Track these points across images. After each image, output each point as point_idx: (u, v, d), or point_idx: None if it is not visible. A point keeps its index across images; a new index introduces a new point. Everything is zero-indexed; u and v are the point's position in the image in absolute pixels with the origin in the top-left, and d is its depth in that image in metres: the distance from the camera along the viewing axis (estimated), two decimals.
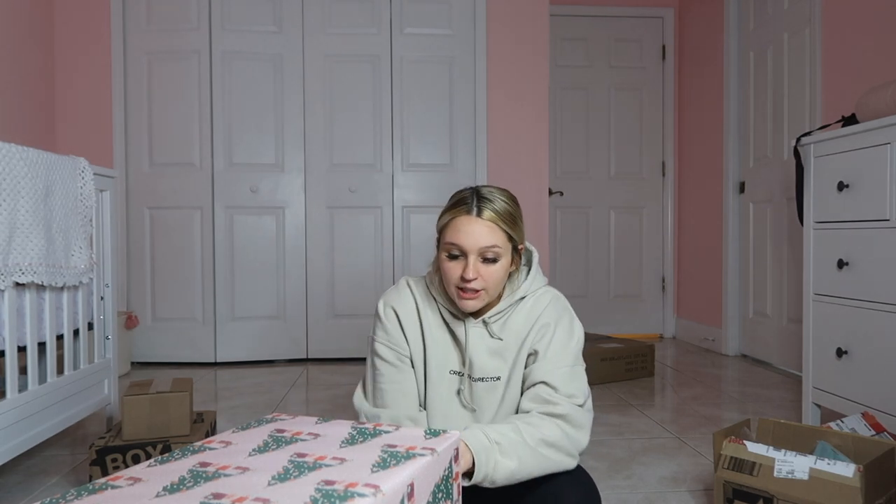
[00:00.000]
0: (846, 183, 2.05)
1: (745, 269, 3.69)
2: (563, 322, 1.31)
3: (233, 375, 3.30)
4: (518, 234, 1.27)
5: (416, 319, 1.36)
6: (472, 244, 1.22)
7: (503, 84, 3.65)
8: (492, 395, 1.31)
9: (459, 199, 1.27)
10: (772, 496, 1.45)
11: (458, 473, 0.91)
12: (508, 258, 1.26)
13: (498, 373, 1.31)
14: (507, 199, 1.27)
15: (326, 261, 3.61)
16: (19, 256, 1.63)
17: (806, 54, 3.14)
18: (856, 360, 2.04)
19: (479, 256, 1.23)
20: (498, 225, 1.23)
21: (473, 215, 1.23)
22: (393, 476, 0.74)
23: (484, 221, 1.22)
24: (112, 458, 1.74)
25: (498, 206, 1.24)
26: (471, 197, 1.25)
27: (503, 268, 1.26)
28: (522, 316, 1.32)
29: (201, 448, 0.85)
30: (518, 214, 1.28)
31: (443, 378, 1.33)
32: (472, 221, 1.22)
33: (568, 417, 1.20)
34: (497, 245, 1.23)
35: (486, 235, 1.22)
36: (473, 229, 1.22)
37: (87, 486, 0.73)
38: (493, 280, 1.25)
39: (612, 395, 2.87)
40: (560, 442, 1.17)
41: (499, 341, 1.31)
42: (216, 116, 3.52)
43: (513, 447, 1.11)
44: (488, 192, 1.26)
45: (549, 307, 1.32)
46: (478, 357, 1.31)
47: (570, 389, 1.23)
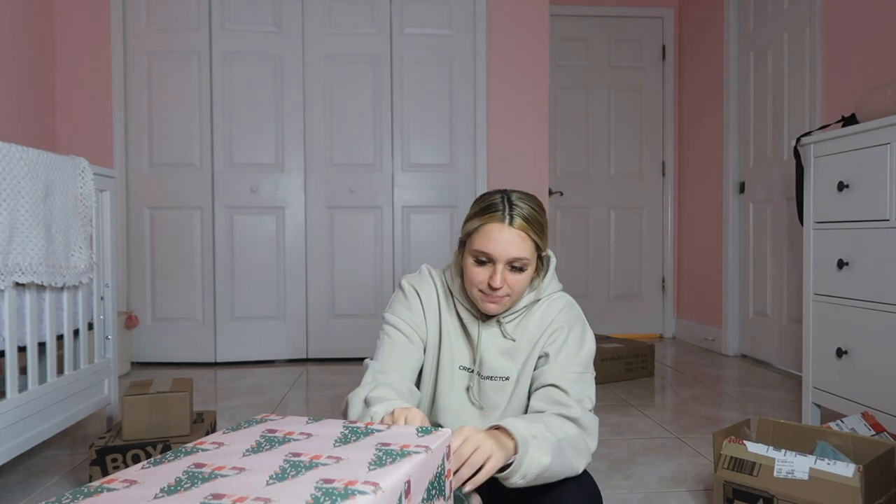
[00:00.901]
0: (846, 183, 2.05)
1: (745, 269, 3.69)
2: (576, 329, 1.31)
3: (233, 375, 3.30)
4: (544, 242, 1.27)
5: (436, 308, 1.37)
6: (503, 253, 1.21)
7: (503, 84, 3.65)
8: (499, 394, 1.31)
9: (490, 204, 1.24)
10: (772, 496, 1.45)
11: (451, 471, 0.92)
12: (533, 266, 1.26)
13: (507, 373, 1.31)
14: (536, 207, 1.25)
15: (326, 260, 3.61)
16: (19, 256, 1.63)
17: (806, 54, 3.14)
18: (856, 360, 2.04)
19: (507, 265, 1.22)
20: (528, 235, 1.22)
21: (506, 224, 1.21)
22: (391, 473, 0.74)
23: (516, 231, 1.21)
24: (112, 458, 1.74)
25: (528, 215, 1.22)
26: (502, 203, 1.22)
27: (529, 276, 1.26)
28: (536, 319, 1.32)
29: (194, 449, 0.85)
30: (545, 221, 1.27)
31: (453, 372, 1.34)
32: (504, 230, 1.20)
33: (580, 421, 1.19)
34: (526, 256, 1.22)
35: (516, 245, 1.21)
36: (505, 238, 1.20)
37: (81, 490, 0.73)
38: (518, 288, 1.25)
39: (612, 395, 2.87)
40: (578, 443, 1.16)
41: (511, 342, 1.31)
42: (216, 116, 3.52)
43: (546, 443, 1.09)
44: (518, 198, 1.24)
45: (563, 312, 1.32)
46: (488, 356, 1.32)
47: (580, 394, 1.23)
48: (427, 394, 1.37)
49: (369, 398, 1.19)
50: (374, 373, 1.28)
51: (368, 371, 1.29)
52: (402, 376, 1.29)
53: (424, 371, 1.36)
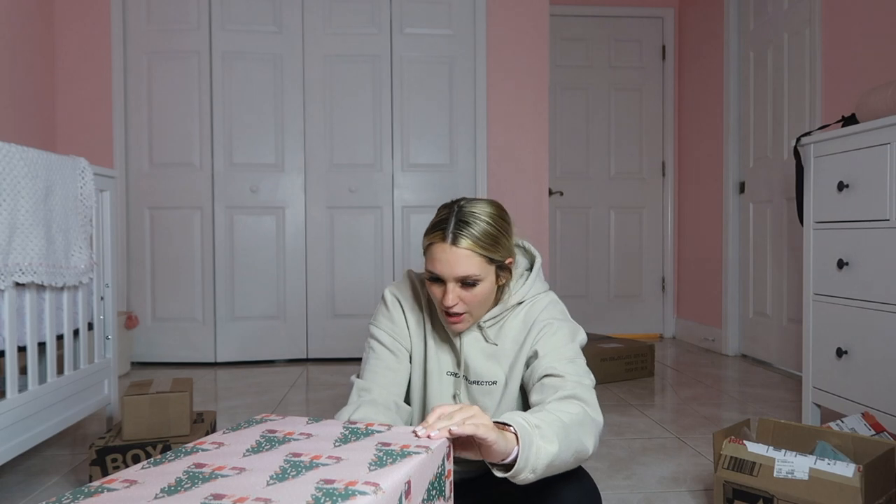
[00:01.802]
0: (846, 183, 2.05)
1: (745, 269, 3.69)
2: (563, 323, 1.28)
3: (233, 375, 3.30)
4: (501, 254, 1.23)
5: (420, 315, 1.36)
6: (449, 273, 1.19)
7: (503, 84, 3.65)
8: (488, 399, 1.30)
9: (438, 220, 1.21)
10: (772, 496, 1.45)
11: (451, 471, 0.92)
12: (492, 279, 1.23)
13: (494, 377, 1.30)
14: (489, 218, 1.21)
15: (326, 261, 3.61)
16: (19, 256, 1.63)
17: (806, 54, 3.14)
18: (856, 360, 2.04)
19: (458, 283, 1.20)
20: (475, 252, 1.18)
21: (448, 243, 1.18)
22: (391, 474, 0.74)
23: (459, 250, 1.17)
24: (112, 458, 1.74)
25: (476, 230, 1.18)
26: (448, 220, 1.20)
27: (486, 290, 1.22)
28: (519, 321, 1.30)
29: (193, 449, 0.85)
30: (502, 231, 1.23)
31: (442, 378, 1.34)
32: (447, 250, 1.18)
33: (580, 396, 1.15)
34: (473, 274, 1.19)
35: (461, 265, 1.18)
36: (448, 259, 1.18)
37: (81, 490, 0.73)
38: (475, 302, 1.22)
39: (612, 395, 2.87)
40: (585, 419, 1.11)
41: (494, 346, 1.30)
42: (216, 116, 3.52)
43: (551, 429, 1.02)
44: (469, 212, 1.20)
45: (546, 311, 1.29)
46: (473, 360, 1.30)
47: (576, 375, 1.20)
48: (418, 401, 1.37)
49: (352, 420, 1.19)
50: (358, 391, 1.29)
51: (354, 390, 1.30)
52: (387, 392, 1.29)
53: (413, 379, 1.36)
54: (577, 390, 1.16)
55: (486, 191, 3.64)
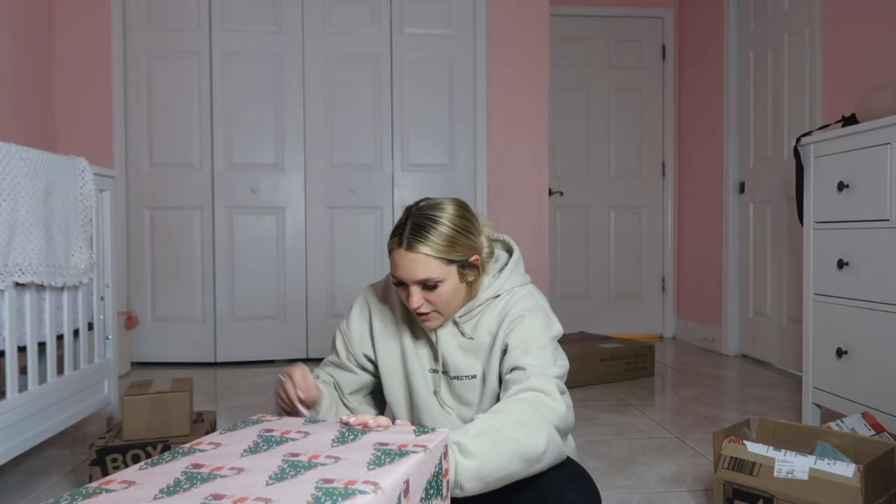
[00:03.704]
0: (846, 183, 2.05)
1: (745, 269, 3.69)
2: (536, 315, 1.28)
3: (233, 375, 3.30)
4: (460, 253, 1.23)
5: (393, 320, 1.38)
6: (408, 277, 1.22)
7: (503, 84, 3.65)
8: (470, 393, 1.31)
9: (397, 224, 1.24)
10: (772, 496, 1.45)
11: (448, 470, 0.92)
12: (454, 279, 1.24)
13: (473, 371, 1.31)
14: (446, 220, 1.22)
15: (326, 260, 3.61)
16: (19, 256, 1.63)
17: (806, 54, 3.14)
18: (856, 360, 2.04)
19: (419, 285, 1.22)
20: (430, 256, 1.20)
21: (404, 249, 1.20)
22: (390, 473, 0.74)
23: (415, 255, 1.20)
24: (112, 458, 1.74)
25: (431, 234, 1.20)
26: (405, 225, 1.22)
27: (449, 290, 1.24)
28: (496, 313, 1.31)
29: (191, 450, 0.85)
30: (462, 230, 1.24)
31: (425, 374, 1.35)
32: (403, 256, 1.20)
33: (539, 387, 1.15)
34: (432, 276, 1.21)
35: (419, 269, 1.20)
36: (405, 264, 1.21)
37: (80, 491, 0.73)
38: (441, 302, 1.24)
39: (612, 395, 2.87)
40: (530, 417, 1.09)
41: (470, 340, 1.31)
42: (216, 116, 3.52)
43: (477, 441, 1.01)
44: (425, 215, 1.22)
45: (521, 303, 1.30)
46: (451, 355, 1.32)
47: (541, 365, 1.20)
48: (402, 398, 1.38)
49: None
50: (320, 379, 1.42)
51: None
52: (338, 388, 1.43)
53: (392, 378, 1.38)
54: (537, 381, 1.16)
55: (486, 190, 3.64)
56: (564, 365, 1.27)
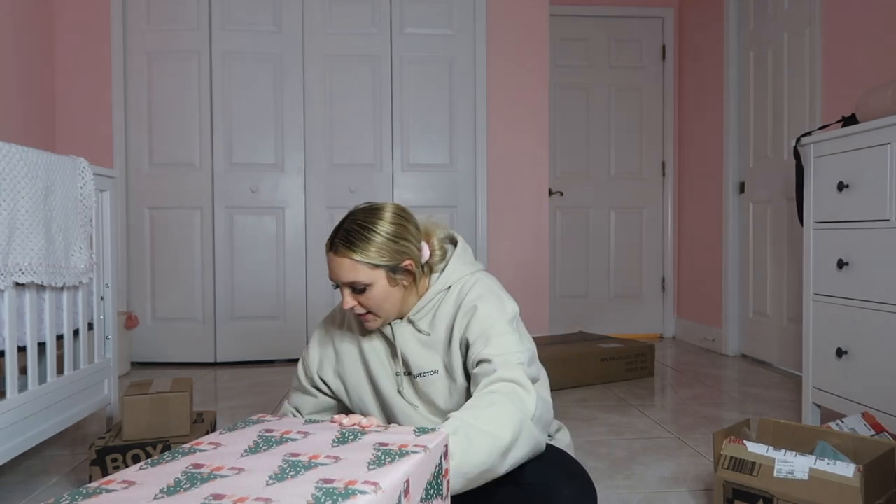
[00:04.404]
0: (846, 183, 2.05)
1: (745, 269, 3.69)
2: (487, 301, 1.29)
3: (233, 375, 3.30)
4: (388, 258, 1.26)
5: (352, 334, 1.42)
6: (337, 279, 1.28)
7: (503, 84, 3.65)
8: (435, 389, 1.33)
9: (334, 228, 1.30)
10: (772, 496, 1.45)
11: (448, 470, 0.92)
12: (383, 283, 1.27)
13: (434, 366, 1.32)
14: (376, 228, 1.26)
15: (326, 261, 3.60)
16: (19, 256, 1.63)
17: (806, 54, 3.14)
18: (856, 360, 2.04)
19: (349, 288, 1.28)
20: (355, 261, 1.25)
21: (332, 252, 1.27)
22: (390, 473, 0.74)
23: (341, 259, 1.26)
24: (112, 458, 1.74)
25: (357, 241, 1.25)
26: (336, 230, 1.28)
27: (380, 293, 1.27)
28: (450, 306, 1.33)
29: (191, 450, 0.85)
30: (392, 238, 1.27)
31: (391, 379, 1.37)
32: (331, 259, 1.27)
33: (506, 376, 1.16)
34: (359, 280, 1.26)
35: (344, 272, 1.26)
36: (334, 267, 1.27)
37: (80, 491, 0.73)
38: (372, 305, 1.28)
39: (612, 395, 2.87)
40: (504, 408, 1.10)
41: (427, 335, 1.33)
42: (216, 116, 3.52)
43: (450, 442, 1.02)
44: (357, 221, 1.27)
45: (472, 291, 1.31)
46: (410, 354, 1.34)
47: (506, 353, 1.21)
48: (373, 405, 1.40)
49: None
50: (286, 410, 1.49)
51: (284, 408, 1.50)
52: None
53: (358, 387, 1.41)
54: (505, 372, 1.18)
55: (487, 191, 3.64)
56: (530, 348, 1.28)
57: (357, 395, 1.41)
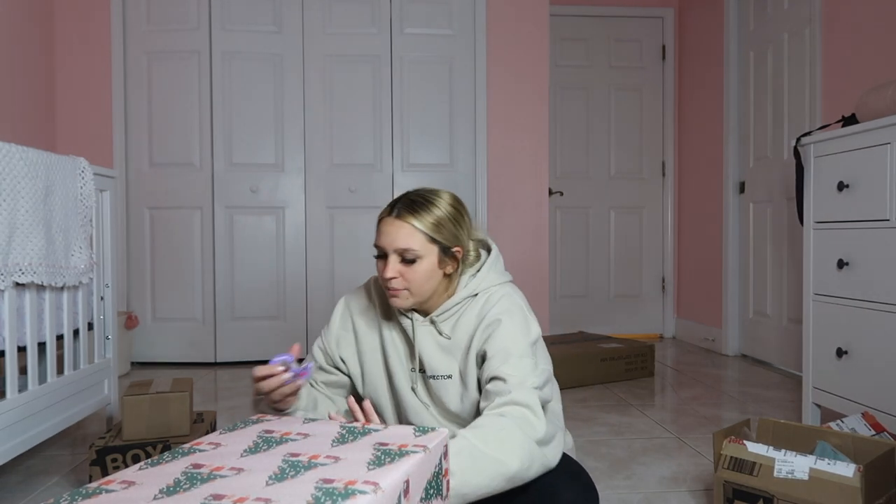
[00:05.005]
0: (846, 183, 2.05)
1: (745, 269, 3.69)
2: (513, 318, 1.27)
3: (233, 375, 3.30)
4: (444, 236, 1.27)
5: (373, 319, 1.40)
6: (389, 244, 1.25)
7: (503, 84, 3.65)
8: (447, 392, 1.31)
9: (393, 200, 1.30)
10: (772, 496, 1.45)
11: (447, 470, 0.92)
12: (432, 260, 1.26)
13: (449, 371, 1.31)
14: (437, 203, 1.27)
15: (326, 261, 3.61)
16: (19, 256, 1.63)
17: (806, 54, 3.14)
18: (856, 360, 2.04)
19: (399, 256, 1.25)
20: (415, 227, 1.24)
21: (393, 216, 1.26)
22: (390, 473, 0.74)
23: (401, 223, 1.24)
24: (112, 458, 1.74)
25: (421, 209, 1.25)
26: (399, 199, 1.28)
27: (426, 270, 1.26)
28: (474, 314, 1.31)
29: (191, 450, 0.85)
30: (450, 217, 1.28)
31: (406, 375, 1.36)
32: (391, 223, 1.26)
33: (519, 400, 1.16)
34: (413, 248, 1.24)
35: (401, 237, 1.24)
36: (389, 230, 1.25)
37: (79, 491, 0.73)
38: (415, 280, 1.26)
39: (612, 395, 2.87)
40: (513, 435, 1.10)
41: (447, 339, 1.32)
42: (216, 116, 3.52)
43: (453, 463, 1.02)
44: (421, 195, 1.28)
45: (499, 304, 1.30)
46: (427, 355, 1.32)
47: (521, 376, 1.19)
48: (387, 398, 1.39)
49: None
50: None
51: None
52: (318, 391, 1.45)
53: (374, 377, 1.39)
54: (518, 395, 1.16)
55: (486, 190, 3.64)
56: (546, 370, 1.27)
57: (372, 386, 1.39)
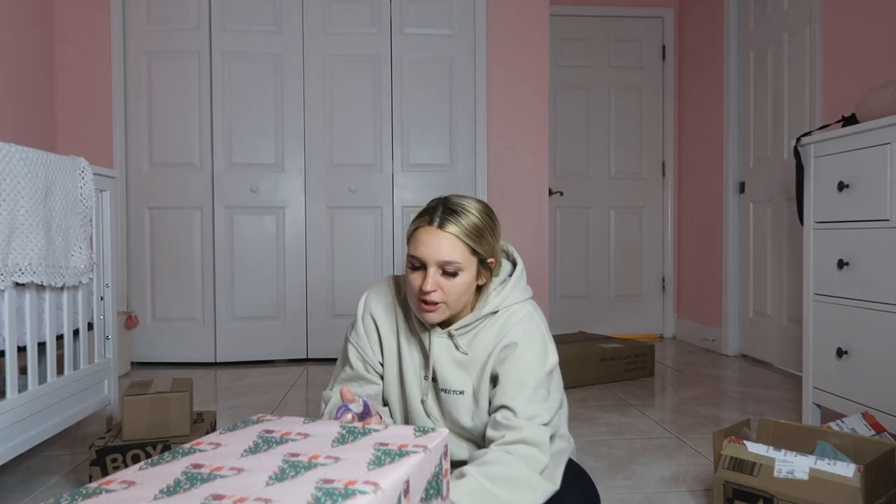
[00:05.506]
0: (846, 183, 2.05)
1: (745, 269, 3.69)
2: (532, 344, 1.25)
3: (233, 375, 3.30)
4: (485, 249, 1.23)
5: (393, 321, 1.36)
6: (431, 256, 1.20)
7: (503, 84, 3.65)
8: (457, 408, 1.29)
9: (427, 208, 1.24)
10: (772, 496, 1.45)
11: (448, 470, 0.92)
12: (472, 272, 1.23)
13: (462, 386, 1.28)
14: (476, 212, 1.23)
15: (326, 261, 3.61)
16: (19, 256, 1.63)
17: (806, 54, 3.14)
18: (856, 360, 2.04)
19: (439, 269, 1.21)
20: (460, 239, 1.20)
21: (435, 227, 1.20)
22: (390, 473, 0.74)
23: (445, 234, 1.19)
24: (112, 458, 1.74)
25: (463, 220, 1.20)
26: (437, 207, 1.22)
27: (465, 282, 1.23)
28: (493, 332, 1.28)
29: (191, 450, 0.85)
30: (488, 227, 1.24)
31: (419, 382, 1.33)
32: (433, 233, 1.20)
33: (526, 440, 1.16)
34: (457, 260, 1.20)
35: (445, 249, 1.19)
36: (433, 241, 1.20)
37: (79, 491, 0.73)
38: (453, 293, 1.22)
39: (612, 395, 2.87)
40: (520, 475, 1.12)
41: (464, 355, 1.29)
42: (216, 116, 3.52)
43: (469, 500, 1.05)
44: (458, 203, 1.23)
45: (519, 326, 1.27)
46: (442, 368, 1.29)
47: (530, 411, 1.19)
48: (398, 402, 1.37)
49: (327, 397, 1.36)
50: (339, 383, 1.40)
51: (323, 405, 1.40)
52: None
53: (390, 382, 1.37)
54: (527, 432, 1.16)
55: (487, 191, 3.64)
56: (558, 398, 1.26)
57: (387, 389, 1.37)
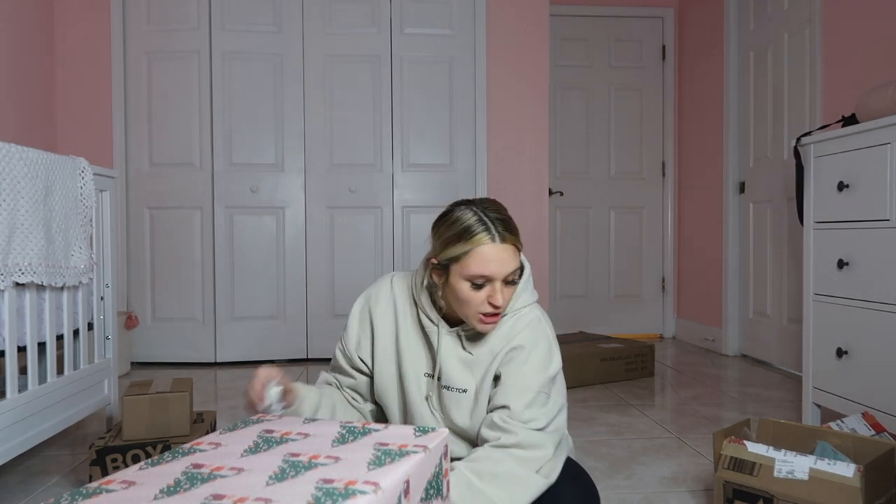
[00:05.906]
0: (846, 183, 2.05)
1: (745, 269, 3.69)
2: (538, 348, 1.26)
3: (233, 375, 3.30)
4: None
5: (392, 320, 1.37)
6: (500, 272, 1.19)
7: (503, 84, 3.65)
8: (459, 405, 1.29)
9: (468, 225, 1.20)
10: (772, 496, 1.45)
11: (448, 470, 0.92)
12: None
13: (465, 385, 1.29)
14: (507, 213, 1.25)
15: (326, 261, 3.61)
16: (19, 256, 1.63)
17: (806, 54, 3.14)
18: (856, 360, 2.04)
19: (504, 280, 1.21)
20: (517, 246, 1.22)
21: (498, 242, 1.18)
22: (390, 473, 0.74)
23: (506, 247, 1.19)
24: (112, 458, 1.74)
25: (512, 227, 1.22)
26: (485, 221, 1.19)
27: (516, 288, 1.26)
28: (501, 334, 1.29)
29: (191, 450, 0.85)
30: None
31: (419, 379, 1.33)
32: (499, 249, 1.18)
33: (521, 444, 1.16)
34: (518, 268, 1.22)
35: (511, 260, 1.20)
36: (500, 257, 1.18)
37: (80, 491, 0.73)
38: (509, 299, 1.25)
39: (612, 395, 2.87)
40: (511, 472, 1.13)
41: (469, 355, 1.29)
42: (216, 116, 3.52)
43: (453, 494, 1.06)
44: (498, 211, 1.22)
45: (527, 330, 1.27)
46: (447, 365, 1.30)
47: (528, 415, 1.19)
48: (396, 401, 1.37)
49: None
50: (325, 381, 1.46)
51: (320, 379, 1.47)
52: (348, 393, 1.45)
53: (385, 380, 1.37)
54: (522, 436, 1.16)
55: (486, 191, 3.64)
56: (558, 403, 1.26)
57: (382, 387, 1.37)
